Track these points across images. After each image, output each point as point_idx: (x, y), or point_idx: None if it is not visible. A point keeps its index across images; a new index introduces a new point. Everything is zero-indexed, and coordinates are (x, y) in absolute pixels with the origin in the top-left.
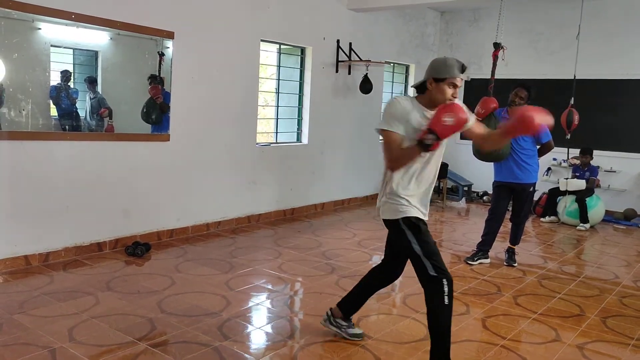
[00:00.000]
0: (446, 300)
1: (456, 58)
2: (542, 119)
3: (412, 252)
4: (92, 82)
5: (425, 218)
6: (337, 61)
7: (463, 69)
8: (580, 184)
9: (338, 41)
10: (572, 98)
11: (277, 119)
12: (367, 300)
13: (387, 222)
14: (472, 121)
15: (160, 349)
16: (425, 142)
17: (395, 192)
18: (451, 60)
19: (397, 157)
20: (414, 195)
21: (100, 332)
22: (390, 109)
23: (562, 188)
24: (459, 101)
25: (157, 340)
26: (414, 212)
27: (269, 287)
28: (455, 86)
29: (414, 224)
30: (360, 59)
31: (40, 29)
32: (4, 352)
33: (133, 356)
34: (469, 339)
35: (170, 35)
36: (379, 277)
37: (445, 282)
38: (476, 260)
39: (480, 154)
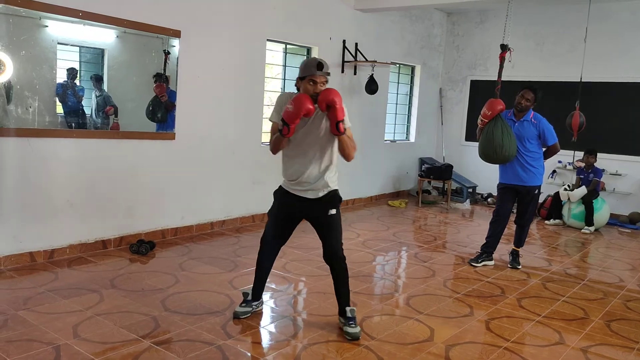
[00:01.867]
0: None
1: (319, 58)
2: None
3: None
4: (98, 79)
5: (302, 195)
6: (343, 61)
7: (320, 67)
8: (582, 192)
9: (344, 41)
10: (578, 101)
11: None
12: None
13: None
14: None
15: (164, 347)
16: (279, 128)
17: (282, 171)
18: (311, 60)
19: (271, 142)
20: (289, 177)
21: (104, 330)
22: (275, 104)
23: (563, 199)
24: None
25: (161, 338)
26: (281, 188)
27: (273, 286)
28: (315, 82)
29: (276, 195)
30: (366, 60)
31: (47, 26)
32: (9, 348)
33: (137, 354)
34: (472, 341)
35: (176, 34)
36: None
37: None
38: (480, 262)
39: (486, 156)
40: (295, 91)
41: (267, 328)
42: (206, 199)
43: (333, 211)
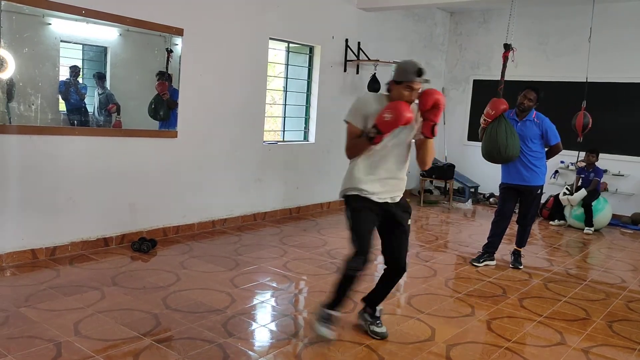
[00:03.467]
0: (346, 269)
1: (417, 62)
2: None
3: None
4: (100, 77)
5: (381, 200)
6: (346, 60)
7: (419, 73)
8: (581, 195)
9: (347, 40)
10: (584, 101)
11: (284, 117)
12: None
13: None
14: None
15: (164, 345)
16: (369, 135)
17: (353, 175)
18: (411, 65)
19: (350, 146)
20: (369, 181)
21: (105, 327)
22: (354, 104)
23: (564, 203)
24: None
25: (162, 336)
26: (357, 192)
27: (274, 285)
28: (411, 89)
29: (353, 202)
30: (369, 59)
31: (50, 24)
32: (10, 344)
33: (138, 351)
34: (473, 341)
35: (179, 32)
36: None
37: (355, 256)
38: (482, 262)
39: (489, 155)
40: (379, 93)
41: (268, 327)
42: (208, 197)
43: (409, 222)
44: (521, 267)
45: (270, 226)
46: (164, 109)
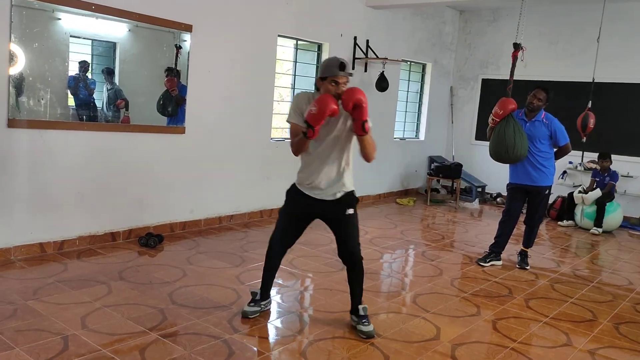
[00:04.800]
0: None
1: (340, 58)
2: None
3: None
4: (109, 73)
5: (319, 197)
6: (354, 58)
7: (342, 67)
8: (596, 195)
9: (355, 38)
10: (590, 101)
11: None
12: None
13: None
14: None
15: (170, 340)
16: (302, 130)
17: (298, 172)
18: (332, 60)
19: (293, 144)
20: (308, 178)
21: (112, 321)
22: (291, 104)
23: (577, 202)
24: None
25: (168, 331)
26: (295, 187)
27: (280, 282)
28: (337, 83)
29: (289, 194)
30: (377, 57)
31: (60, 19)
32: (18, 337)
33: (144, 346)
34: (479, 341)
35: (188, 28)
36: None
37: (268, 244)
38: (488, 262)
39: (497, 155)
40: (313, 91)
41: (273, 323)
42: (215, 194)
43: (350, 211)
44: (528, 267)
45: None
46: (172, 105)
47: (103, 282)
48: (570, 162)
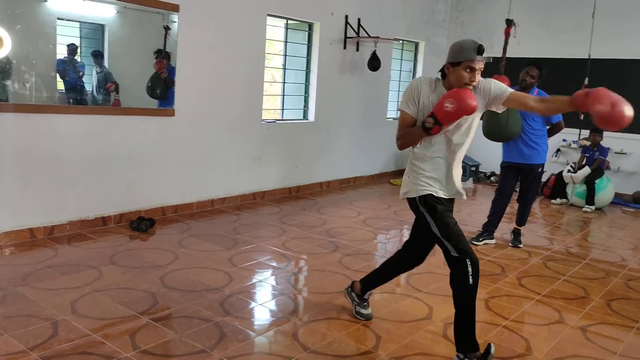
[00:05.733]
0: (470, 280)
1: (475, 39)
2: (629, 111)
3: (432, 234)
4: (97, 56)
5: (447, 196)
6: (345, 37)
7: (481, 50)
8: (585, 173)
9: (346, 17)
10: (587, 78)
11: (283, 95)
12: (388, 280)
13: (408, 201)
14: (506, 95)
15: (161, 323)
16: (425, 125)
17: (416, 170)
18: (468, 42)
19: (402, 136)
20: (432, 176)
21: (102, 306)
22: (407, 90)
23: (567, 181)
24: (486, 81)
25: (159, 315)
26: (430, 190)
27: (272, 264)
28: (472, 69)
29: (430, 204)
30: (369, 36)
31: (46, 1)
32: (7, 323)
33: (135, 330)
34: None
35: (175, 8)
36: (404, 258)
37: (468, 262)
38: (481, 241)
39: (490, 134)
40: (434, 77)
41: (266, 305)
42: (207, 176)
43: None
44: (521, 245)
45: (269, 205)
46: (161, 87)
47: (94, 267)
48: (564, 140)
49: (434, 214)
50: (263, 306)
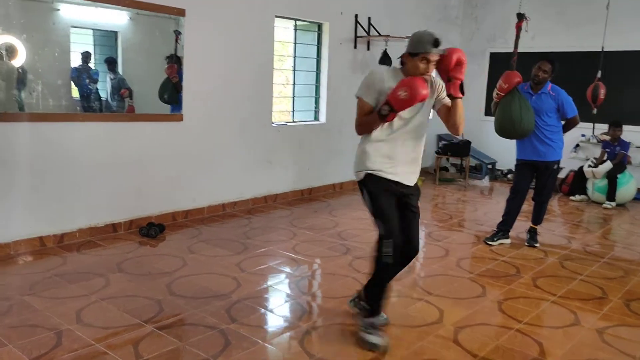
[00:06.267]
0: (389, 260)
1: (434, 32)
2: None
3: (370, 212)
4: (111, 62)
5: (400, 180)
6: (356, 37)
7: (436, 43)
8: (606, 168)
9: (356, 16)
10: (600, 71)
11: (293, 97)
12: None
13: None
14: (442, 99)
15: (165, 332)
16: (381, 112)
17: (367, 152)
18: (426, 35)
19: (361, 123)
20: (384, 159)
21: (107, 314)
22: (366, 78)
23: (588, 176)
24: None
25: (164, 323)
26: (375, 171)
27: (282, 268)
28: (428, 61)
29: (371, 184)
30: (380, 34)
31: (59, 10)
32: (11, 333)
33: (138, 338)
34: (483, 323)
35: (180, 12)
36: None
37: (389, 242)
38: (496, 241)
39: (503, 131)
40: (392, 67)
41: (273, 311)
42: (217, 180)
43: (418, 202)
44: (537, 245)
45: (281, 208)
46: (169, 92)
47: (101, 275)
48: (583, 135)
49: (372, 194)
50: (270, 312)
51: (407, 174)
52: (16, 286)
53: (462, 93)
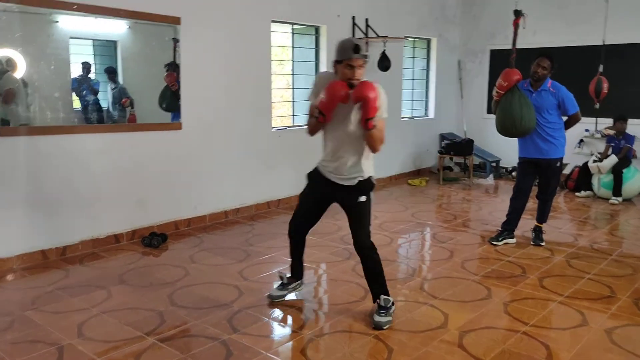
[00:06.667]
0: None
1: (355, 39)
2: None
3: None
4: (111, 72)
5: (337, 180)
6: None
7: (356, 50)
8: (612, 162)
9: (353, 18)
10: (601, 65)
11: (293, 101)
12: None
13: None
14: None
15: (167, 344)
16: (314, 116)
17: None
18: (347, 42)
19: (308, 123)
20: (326, 158)
21: (108, 328)
22: (314, 82)
23: (593, 171)
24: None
25: (165, 335)
26: (319, 169)
27: (287, 275)
28: (352, 67)
29: (310, 176)
30: (378, 35)
31: (57, 21)
32: (12, 350)
33: (139, 352)
34: (489, 326)
35: (176, 20)
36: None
37: (290, 235)
38: (501, 241)
39: (504, 130)
40: (315, 71)
41: (275, 320)
42: (219, 188)
43: (363, 198)
44: (543, 243)
45: (284, 214)
46: (167, 100)
47: (103, 287)
48: (587, 130)
49: (304, 188)
50: (272, 321)
51: (346, 174)
52: (18, 301)
53: (367, 128)
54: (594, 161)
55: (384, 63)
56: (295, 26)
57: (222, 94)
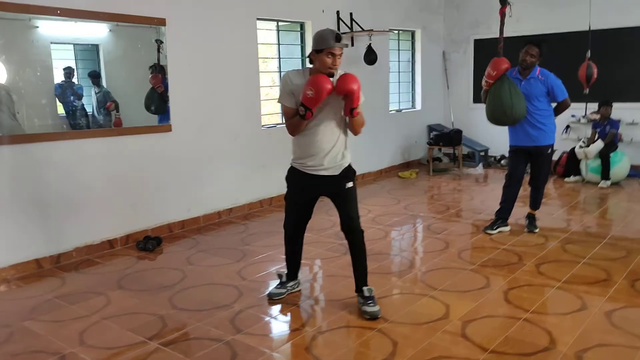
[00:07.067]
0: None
1: (332, 29)
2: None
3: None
4: (95, 76)
5: (319, 173)
6: None
7: (338, 38)
8: (598, 147)
9: (338, 12)
10: (589, 51)
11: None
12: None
13: None
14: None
15: (170, 348)
16: (300, 114)
17: (294, 150)
18: (327, 31)
19: (289, 125)
20: (305, 153)
21: (110, 334)
22: (281, 85)
23: (580, 157)
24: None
25: (168, 339)
26: (297, 165)
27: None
28: (333, 55)
29: (289, 179)
30: (363, 29)
31: (38, 27)
32: None
33: (143, 357)
34: (490, 315)
35: (161, 22)
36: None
37: (284, 230)
38: (495, 229)
39: (495, 118)
40: (304, 67)
41: (277, 318)
42: (211, 189)
43: (350, 184)
44: (537, 230)
45: (277, 211)
46: (156, 103)
47: (101, 293)
48: (573, 116)
49: (287, 191)
50: (274, 319)
51: (330, 165)
52: (15, 312)
53: (352, 116)
54: (580, 147)
55: (370, 57)
56: (280, 23)
57: (210, 94)
